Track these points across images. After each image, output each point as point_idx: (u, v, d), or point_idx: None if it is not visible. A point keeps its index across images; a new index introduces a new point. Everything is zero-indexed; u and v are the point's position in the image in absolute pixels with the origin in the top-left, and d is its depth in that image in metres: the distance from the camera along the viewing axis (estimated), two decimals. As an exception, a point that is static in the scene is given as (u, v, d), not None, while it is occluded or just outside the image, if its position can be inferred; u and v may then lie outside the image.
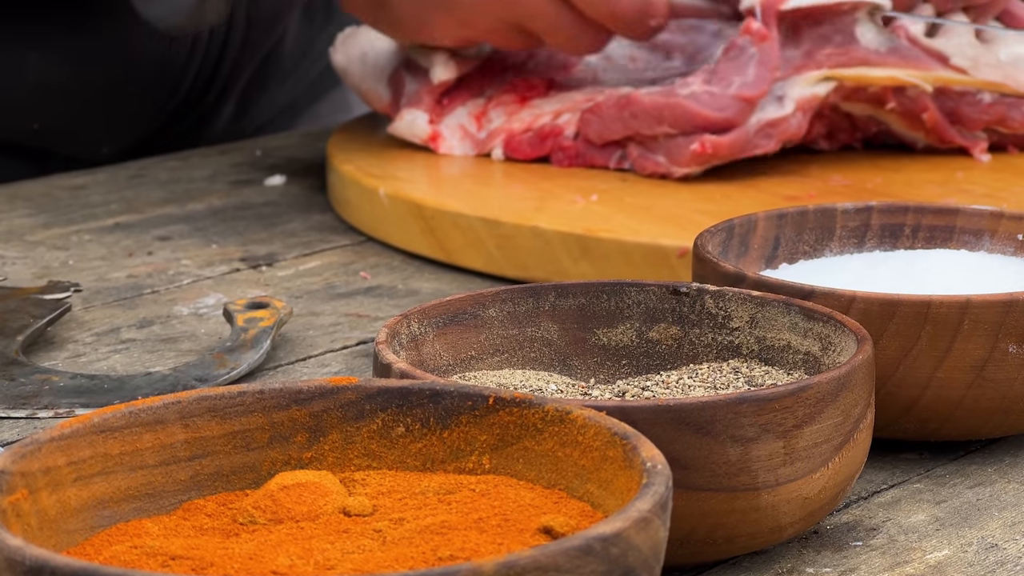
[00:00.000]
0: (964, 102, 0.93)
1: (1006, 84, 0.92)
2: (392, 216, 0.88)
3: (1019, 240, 0.71)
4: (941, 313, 0.62)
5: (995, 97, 0.93)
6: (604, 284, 0.64)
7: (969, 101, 0.93)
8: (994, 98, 0.93)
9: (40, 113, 1.09)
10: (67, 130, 1.10)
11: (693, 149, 0.88)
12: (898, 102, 0.92)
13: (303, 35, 1.17)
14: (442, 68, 0.94)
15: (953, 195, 0.87)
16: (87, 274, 0.85)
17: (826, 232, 0.72)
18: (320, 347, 0.76)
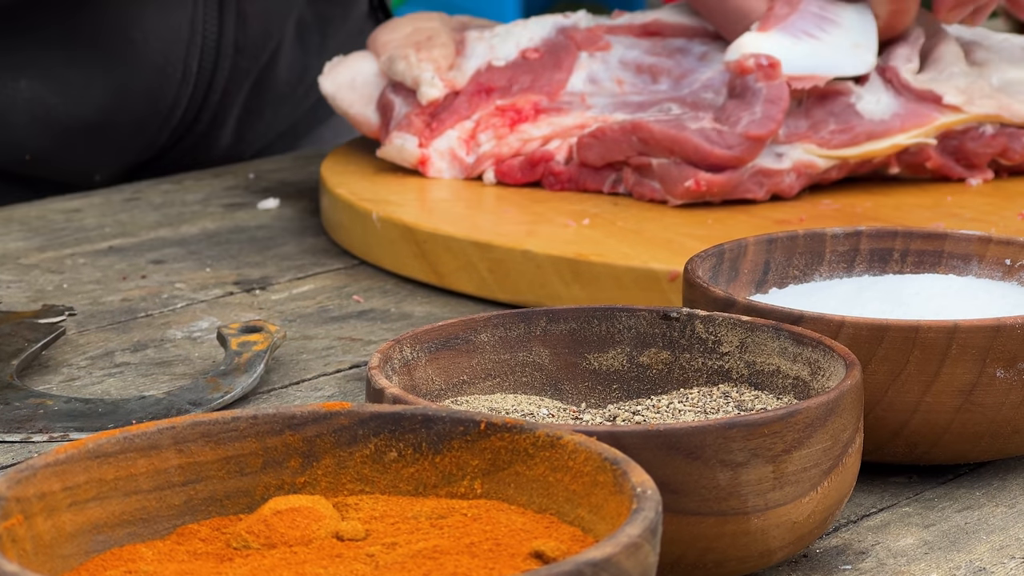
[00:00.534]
0: (968, 138, 0.93)
1: (1001, 115, 0.93)
2: (385, 240, 0.89)
3: (1007, 265, 0.71)
4: (929, 338, 0.62)
5: (996, 128, 0.93)
6: (595, 309, 0.65)
7: (972, 136, 0.93)
8: (995, 129, 0.93)
9: (32, 143, 1.10)
10: (59, 159, 1.11)
11: (687, 185, 0.88)
12: (900, 161, 0.93)
13: (297, 60, 1.17)
14: (429, 87, 0.95)
15: (942, 219, 0.88)
16: (81, 297, 0.86)
17: (816, 256, 0.73)
18: (313, 371, 0.76)
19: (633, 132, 0.91)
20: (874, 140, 0.91)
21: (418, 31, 0.99)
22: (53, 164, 1.11)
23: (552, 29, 0.99)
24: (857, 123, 0.91)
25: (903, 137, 0.91)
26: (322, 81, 1.00)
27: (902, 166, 0.93)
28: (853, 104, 0.92)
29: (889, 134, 0.91)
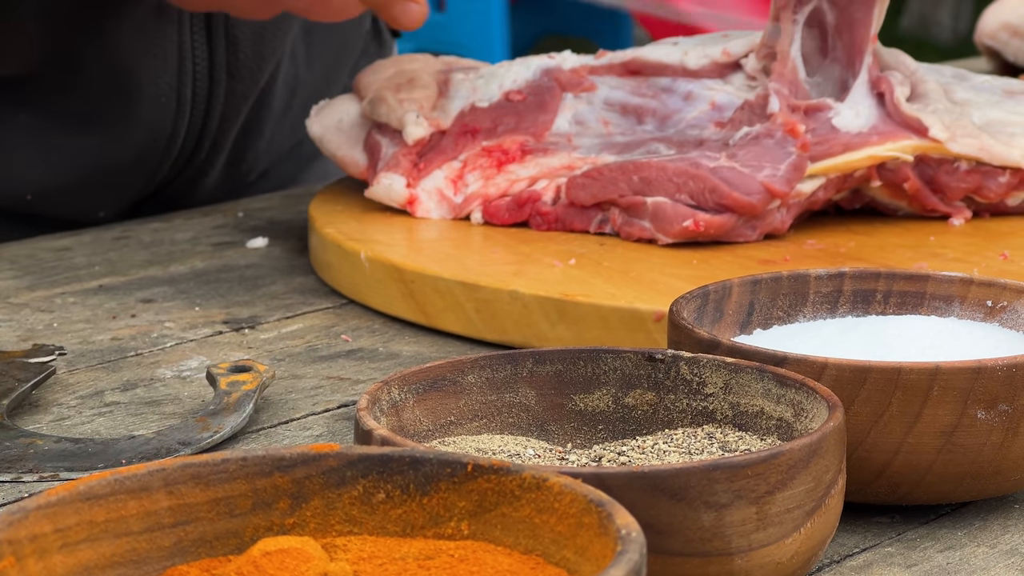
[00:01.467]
0: (942, 171, 0.94)
1: (980, 156, 0.94)
2: (373, 280, 0.89)
3: (988, 306, 0.72)
4: (911, 379, 0.63)
5: (971, 165, 0.94)
6: (581, 351, 0.65)
7: (947, 170, 0.94)
8: (971, 166, 0.94)
9: (33, 182, 1.10)
10: (61, 199, 1.12)
11: (686, 225, 0.89)
12: (881, 176, 0.94)
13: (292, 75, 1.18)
14: (414, 126, 0.96)
15: (925, 259, 0.89)
16: (71, 337, 0.86)
17: (800, 298, 0.74)
18: (302, 410, 0.77)
19: (635, 171, 0.91)
20: (851, 151, 0.92)
21: (400, 73, 1.00)
22: (55, 203, 1.12)
23: (536, 71, 1.00)
24: (834, 136, 0.92)
25: (881, 148, 0.92)
26: (309, 124, 1.01)
27: (883, 182, 0.94)
28: (831, 119, 0.93)
29: (867, 145, 0.92)
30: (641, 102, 0.99)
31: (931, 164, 0.94)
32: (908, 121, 0.93)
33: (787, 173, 0.90)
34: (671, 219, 0.90)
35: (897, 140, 0.93)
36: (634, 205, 0.91)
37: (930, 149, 0.93)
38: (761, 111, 0.93)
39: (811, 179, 0.92)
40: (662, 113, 0.98)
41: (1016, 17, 1.42)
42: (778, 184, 0.90)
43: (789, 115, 0.91)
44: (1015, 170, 0.95)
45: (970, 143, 0.94)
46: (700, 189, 0.89)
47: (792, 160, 0.90)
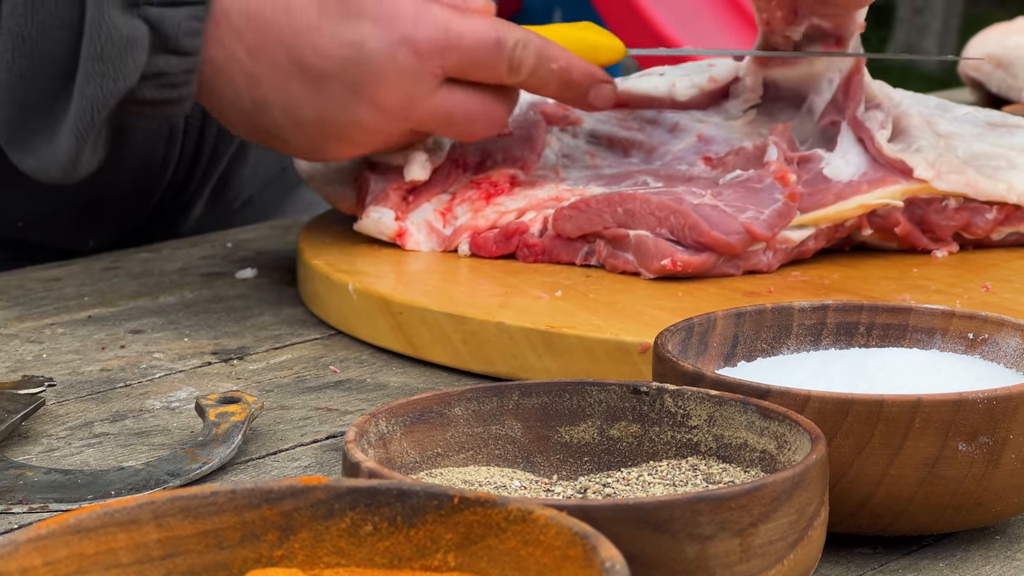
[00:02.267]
0: (932, 210, 0.95)
1: (967, 193, 0.95)
2: (361, 311, 0.90)
3: (969, 339, 0.73)
4: (893, 412, 0.64)
5: (960, 202, 0.95)
6: (566, 383, 0.66)
7: (936, 209, 0.95)
8: (959, 203, 0.95)
9: (26, 211, 1.11)
10: (52, 227, 1.12)
11: (664, 264, 0.90)
12: (872, 223, 0.94)
13: None
14: (419, 168, 0.96)
15: (908, 291, 0.89)
16: (60, 368, 0.87)
17: (783, 330, 0.74)
18: (290, 441, 0.78)
19: (621, 203, 0.92)
20: (841, 201, 0.93)
21: None
22: (47, 231, 1.12)
23: (523, 104, 1.01)
24: (825, 186, 0.93)
25: (870, 197, 0.93)
26: (298, 162, 1.01)
27: (874, 229, 0.95)
28: (821, 169, 0.94)
29: (856, 194, 0.93)
30: (627, 135, 1.00)
31: (920, 205, 0.95)
32: (892, 163, 0.94)
33: (770, 218, 0.91)
34: (652, 255, 0.91)
35: (886, 186, 0.93)
36: (618, 238, 0.92)
37: (918, 191, 0.94)
38: (757, 159, 0.94)
39: (802, 228, 0.92)
40: (648, 146, 0.99)
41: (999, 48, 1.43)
42: (759, 227, 0.90)
43: (782, 164, 0.92)
44: (1002, 205, 0.96)
45: (956, 179, 0.94)
46: (680, 225, 0.90)
47: (777, 207, 0.91)
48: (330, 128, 0.92)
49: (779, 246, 0.92)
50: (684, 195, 0.91)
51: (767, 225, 0.91)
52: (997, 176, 0.96)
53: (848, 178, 0.93)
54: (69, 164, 0.91)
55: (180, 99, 0.91)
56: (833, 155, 0.94)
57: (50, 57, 0.89)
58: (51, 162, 0.91)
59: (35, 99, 0.90)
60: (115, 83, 0.88)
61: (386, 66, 0.90)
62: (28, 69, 0.89)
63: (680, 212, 0.90)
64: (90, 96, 0.88)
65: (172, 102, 0.91)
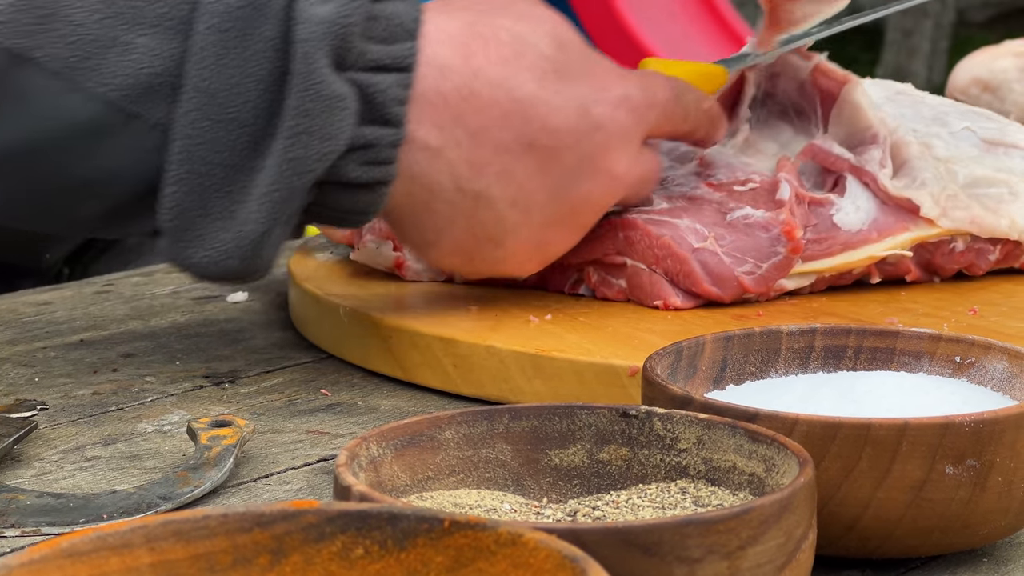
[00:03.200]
0: (939, 253, 0.95)
1: (972, 230, 0.95)
2: (352, 334, 0.90)
3: (956, 362, 0.73)
4: (880, 435, 0.64)
5: (967, 242, 0.95)
6: (555, 407, 0.67)
7: (943, 252, 0.95)
8: (966, 244, 0.95)
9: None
10: None
11: (655, 304, 0.90)
12: (882, 271, 0.94)
13: None
14: None
15: (896, 314, 0.90)
16: (53, 391, 0.87)
17: (772, 354, 0.75)
18: (282, 464, 0.78)
19: (623, 228, 0.91)
20: (849, 251, 0.93)
21: None
22: None
23: None
24: (834, 234, 0.92)
25: (878, 248, 0.93)
26: None
27: (884, 276, 0.95)
28: (832, 216, 0.93)
29: (865, 243, 0.93)
30: None
31: (928, 248, 0.95)
32: (899, 202, 0.94)
33: (768, 272, 0.90)
34: (646, 291, 0.91)
35: (895, 234, 0.93)
36: (614, 265, 0.92)
37: (926, 237, 0.94)
38: (768, 196, 0.93)
39: (801, 277, 0.92)
40: None
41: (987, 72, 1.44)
42: (753, 283, 0.90)
43: (793, 213, 0.91)
44: (1004, 243, 0.96)
45: (961, 216, 0.94)
46: (676, 270, 0.90)
47: (777, 260, 0.90)
48: (561, 208, 0.85)
49: (773, 292, 0.92)
50: (687, 233, 0.91)
51: (761, 280, 0.90)
52: (1000, 210, 0.96)
53: (859, 226, 0.92)
54: (252, 247, 0.79)
55: (383, 182, 0.80)
56: (844, 200, 0.93)
57: (237, 120, 0.78)
58: (228, 247, 0.79)
59: (217, 170, 0.78)
60: (323, 143, 0.77)
61: (613, 129, 0.85)
62: (210, 132, 0.77)
63: (678, 258, 0.90)
64: (293, 158, 0.77)
65: (373, 187, 0.80)
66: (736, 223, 0.92)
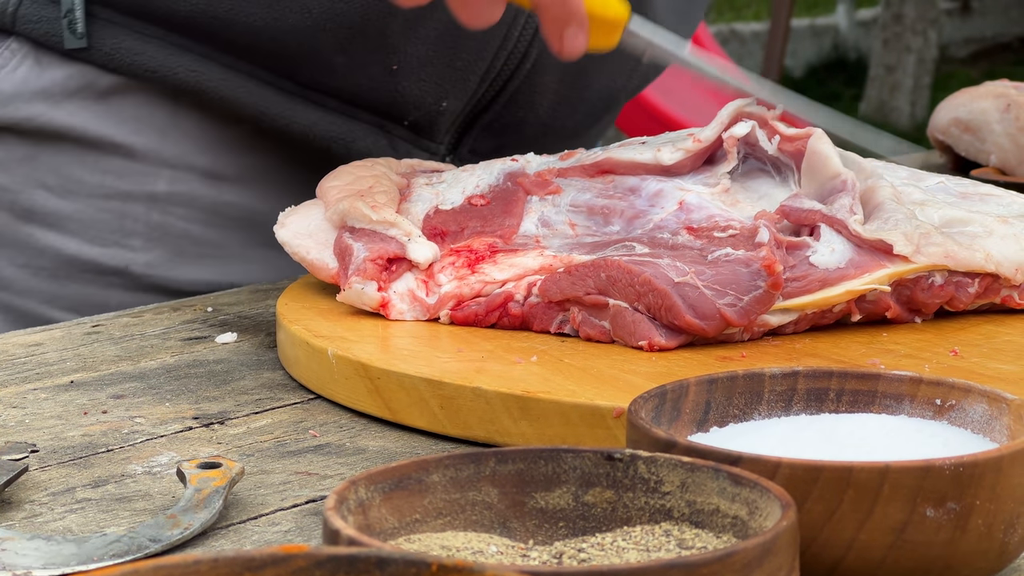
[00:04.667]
0: (919, 289, 0.96)
1: (947, 264, 0.96)
2: (340, 376, 0.91)
3: (937, 404, 0.74)
4: (862, 478, 0.65)
5: (944, 277, 0.96)
6: (541, 450, 0.67)
7: (923, 287, 0.96)
8: (944, 278, 0.96)
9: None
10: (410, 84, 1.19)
11: (640, 345, 0.91)
12: (861, 308, 0.95)
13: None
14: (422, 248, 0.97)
15: (878, 355, 0.91)
16: (43, 433, 0.88)
17: (755, 396, 0.76)
18: (271, 505, 0.79)
19: (604, 268, 0.92)
20: (828, 287, 0.94)
21: (359, 179, 1.03)
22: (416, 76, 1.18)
23: (500, 175, 1.03)
24: (811, 272, 0.94)
25: (857, 283, 0.94)
26: (278, 231, 1.03)
27: (864, 314, 0.96)
28: (808, 257, 0.94)
29: (843, 280, 0.94)
30: (608, 203, 1.01)
31: (907, 285, 0.96)
32: (873, 244, 0.95)
33: (749, 305, 0.91)
34: (630, 331, 0.92)
35: (872, 271, 0.94)
36: (597, 305, 0.93)
37: (903, 273, 0.95)
38: (748, 239, 0.94)
39: (785, 313, 0.93)
40: (630, 214, 1.00)
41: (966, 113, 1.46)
42: (735, 315, 0.91)
43: (773, 252, 0.93)
44: (982, 277, 0.97)
45: (935, 251, 0.95)
46: (658, 305, 0.91)
47: (758, 294, 0.91)
48: None
49: (756, 328, 0.93)
50: (667, 270, 0.92)
51: (743, 313, 0.91)
52: (974, 245, 0.97)
53: (835, 265, 0.94)
54: None
55: None
56: (819, 244, 0.94)
57: None
58: None
59: None
60: None
61: None
62: None
63: (659, 292, 0.91)
64: None
65: None
66: (717, 261, 0.93)
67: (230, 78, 1.18)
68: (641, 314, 0.92)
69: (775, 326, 0.94)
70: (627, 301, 0.92)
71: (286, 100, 1.19)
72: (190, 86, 1.18)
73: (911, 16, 7.44)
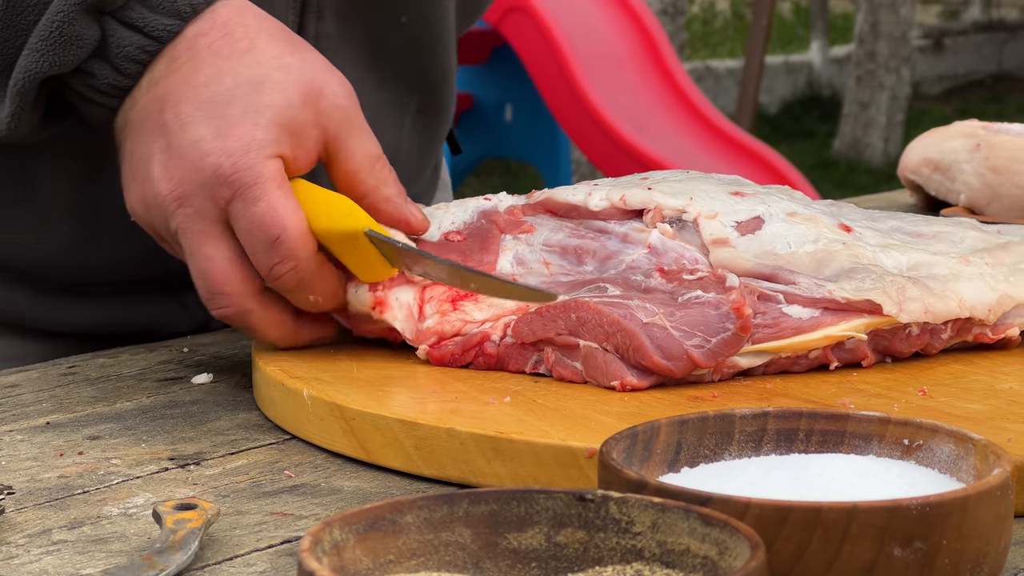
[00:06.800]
0: (896, 339, 0.97)
1: (927, 319, 0.97)
2: (315, 417, 0.92)
3: (905, 444, 0.75)
4: (830, 518, 0.66)
5: (920, 327, 0.97)
6: (514, 491, 0.68)
7: (901, 338, 0.97)
8: (920, 328, 0.97)
9: None
10: None
11: (612, 385, 0.92)
12: (838, 356, 0.96)
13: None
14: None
15: (848, 395, 0.92)
16: (19, 475, 0.89)
17: (725, 437, 0.77)
18: (246, 546, 0.79)
19: (575, 310, 0.93)
20: (803, 334, 0.94)
21: None
22: None
23: (474, 213, 1.04)
24: (784, 320, 0.94)
25: (835, 329, 0.95)
26: None
27: (841, 362, 0.96)
28: (780, 308, 0.95)
29: (820, 327, 0.95)
30: (580, 243, 1.02)
31: (884, 335, 0.97)
32: (858, 306, 0.96)
33: (717, 347, 0.92)
34: (601, 371, 0.93)
35: (849, 320, 0.95)
36: (568, 346, 0.94)
37: (883, 323, 0.96)
38: (718, 284, 0.95)
39: (757, 355, 0.94)
40: (602, 255, 1.01)
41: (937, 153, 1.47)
42: (702, 356, 0.92)
43: (743, 296, 0.93)
44: (954, 321, 0.98)
45: (915, 308, 0.96)
46: (626, 345, 0.92)
47: (726, 336, 0.92)
48: None
49: (726, 370, 0.94)
50: (636, 310, 0.93)
51: (711, 354, 0.92)
52: (947, 293, 0.98)
53: (809, 315, 0.95)
54: (9, 122, 0.99)
55: (104, 107, 0.99)
56: (792, 306, 0.96)
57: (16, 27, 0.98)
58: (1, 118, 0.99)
59: None
60: (50, 65, 0.97)
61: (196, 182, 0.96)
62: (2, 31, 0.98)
63: (627, 332, 0.92)
64: (25, 67, 0.97)
65: (97, 104, 0.99)
66: (687, 303, 0.94)
67: None
68: (611, 354, 0.92)
69: (744, 368, 0.95)
70: (597, 342, 0.93)
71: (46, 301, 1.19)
72: None
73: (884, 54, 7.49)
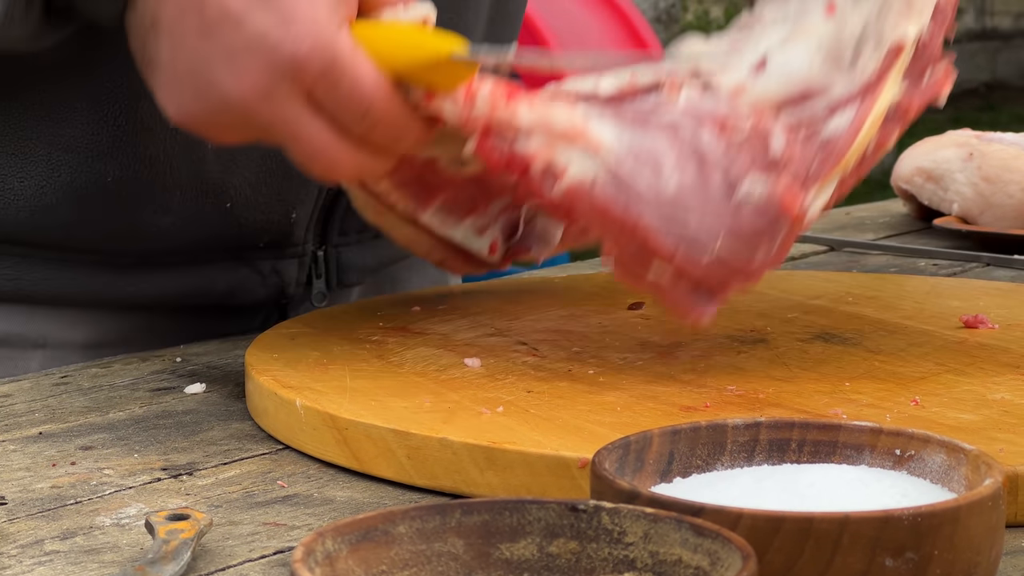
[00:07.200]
0: (919, 60, 0.97)
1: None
2: (308, 427, 0.92)
3: (897, 455, 0.75)
4: (822, 529, 0.66)
5: (928, 28, 0.96)
6: (507, 502, 0.68)
7: (920, 55, 0.96)
8: (927, 29, 0.96)
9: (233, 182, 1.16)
10: (258, 201, 1.17)
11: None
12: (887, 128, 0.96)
13: None
14: None
15: (840, 404, 0.92)
16: (11, 485, 0.88)
17: (718, 447, 0.77)
18: (239, 557, 0.79)
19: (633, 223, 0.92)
20: (857, 135, 0.93)
21: None
22: (254, 204, 1.16)
23: None
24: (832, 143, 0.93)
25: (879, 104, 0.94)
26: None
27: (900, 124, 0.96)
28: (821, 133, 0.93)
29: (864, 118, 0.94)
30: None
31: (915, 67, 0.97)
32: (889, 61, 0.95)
33: (780, 251, 0.92)
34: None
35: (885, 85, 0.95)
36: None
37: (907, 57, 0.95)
38: (762, 143, 0.93)
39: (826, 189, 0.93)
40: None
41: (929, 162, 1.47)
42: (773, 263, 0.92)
43: (792, 190, 0.91)
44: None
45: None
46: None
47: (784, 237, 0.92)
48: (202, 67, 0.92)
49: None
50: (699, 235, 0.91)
51: (778, 258, 0.92)
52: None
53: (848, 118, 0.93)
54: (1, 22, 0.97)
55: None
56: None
57: None
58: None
59: None
60: None
61: None
62: None
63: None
64: None
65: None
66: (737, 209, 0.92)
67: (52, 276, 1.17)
68: None
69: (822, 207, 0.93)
70: None
71: (122, 276, 1.18)
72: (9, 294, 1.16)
73: (878, 62, 7.48)
